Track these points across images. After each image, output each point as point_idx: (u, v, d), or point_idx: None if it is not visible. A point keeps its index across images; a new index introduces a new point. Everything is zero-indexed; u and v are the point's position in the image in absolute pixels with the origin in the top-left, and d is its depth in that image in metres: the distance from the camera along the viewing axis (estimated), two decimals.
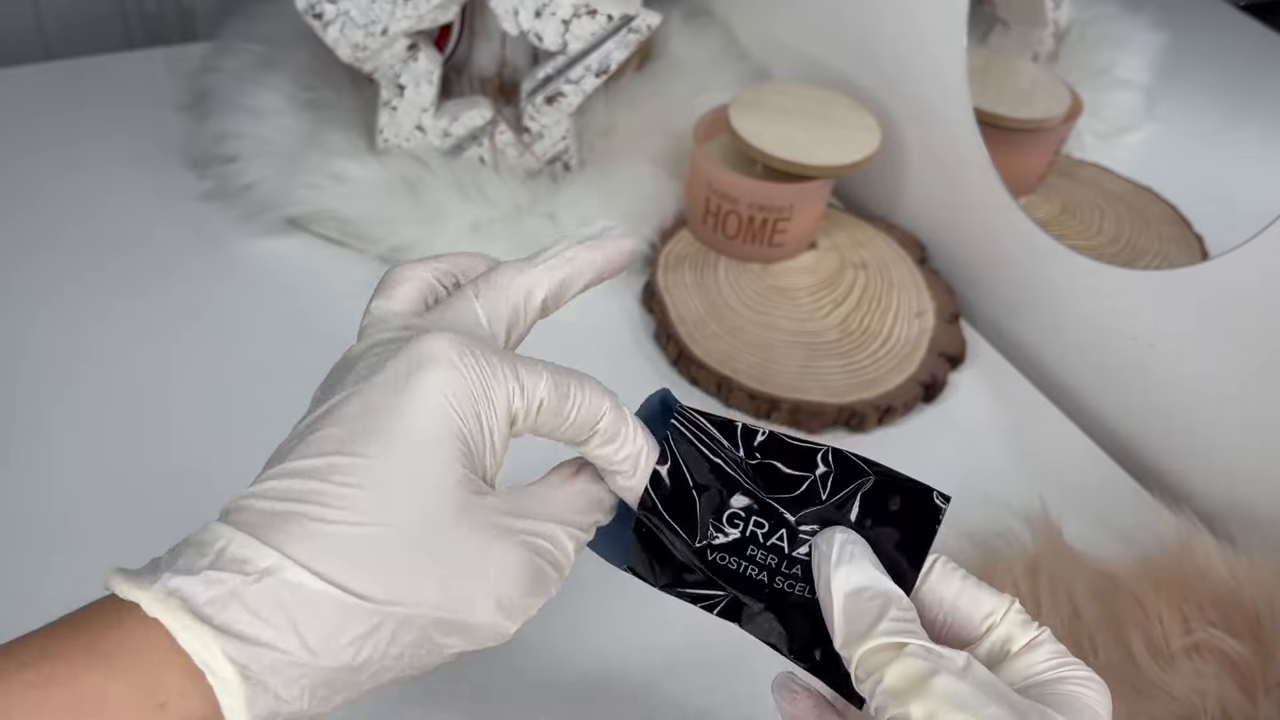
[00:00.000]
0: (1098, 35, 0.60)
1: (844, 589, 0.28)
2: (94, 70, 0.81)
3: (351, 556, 0.25)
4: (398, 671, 0.26)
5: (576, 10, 0.62)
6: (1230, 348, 0.52)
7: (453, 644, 0.27)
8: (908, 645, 0.26)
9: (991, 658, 0.28)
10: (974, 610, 0.28)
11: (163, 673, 0.23)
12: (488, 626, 0.27)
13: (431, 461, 0.26)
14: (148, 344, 0.58)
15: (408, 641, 0.26)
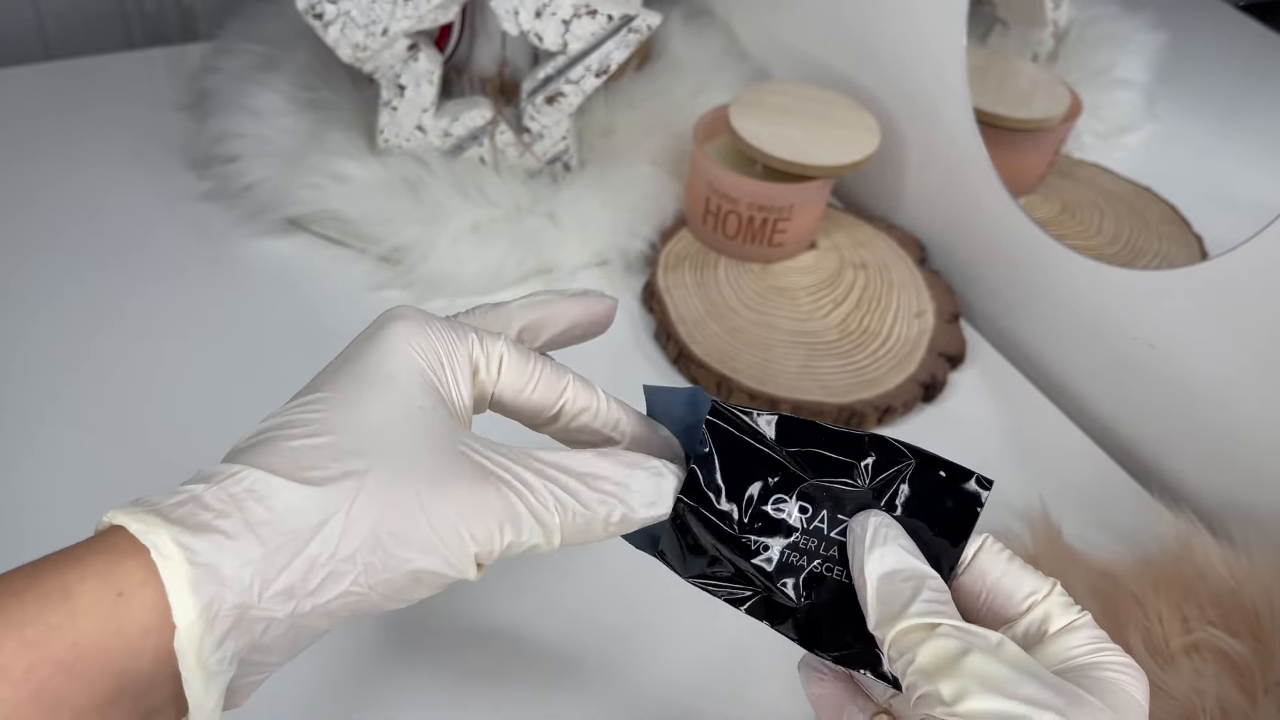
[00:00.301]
0: (1097, 35, 0.60)
1: (878, 571, 0.28)
2: (94, 70, 0.81)
3: (306, 459, 0.26)
4: (358, 588, 0.26)
5: (576, 10, 0.62)
6: (1230, 347, 0.52)
7: (410, 559, 0.26)
8: (940, 625, 0.26)
9: (1029, 638, 0.28)
10: (1015, 590, 0.28)
11: (122, 564, 0.24)
12: (443, 545, 0.26)
13: (393, 388, 0.28)
14: (148, 344, 0.58)
15: (357, 544, 0.25)
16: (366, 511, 0.26)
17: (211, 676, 0.24)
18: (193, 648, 0.24)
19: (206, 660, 0.24)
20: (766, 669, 0.43)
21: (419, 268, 0.63)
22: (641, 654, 0.46)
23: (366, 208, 0.65)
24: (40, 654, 0.22)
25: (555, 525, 0.28)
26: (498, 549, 0.27)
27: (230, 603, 0.24)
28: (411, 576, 0.26)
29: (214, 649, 0.24)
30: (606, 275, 0.67)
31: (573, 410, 0.32)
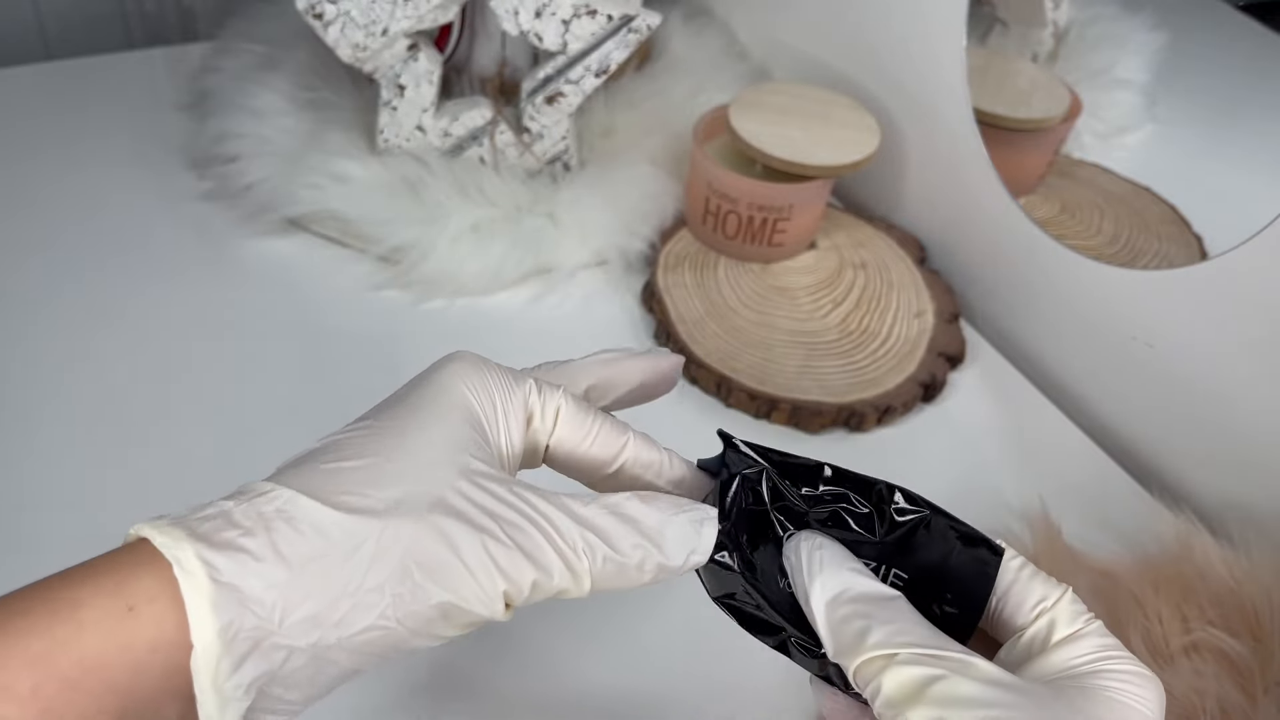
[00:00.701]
0: (1097, 35, 0.60)
1: (823, 600, 0.27)
2: (94, 70, 0.81)
3: (341, 483, 0.26)
4: (386, 621, 0.25)
5: (576, 10, 0.62)
6: (1230, 347, 0.52)
7: (438, 591, 0.25)
8: (898, 654, 0.25)
9: (1034, 647, 0.27)
10: (1026, 598, 0.28)
11: (137, 578, 0.23)
12: (472, 580, 0.26)
13: (440, 423, 0.28)
14: (148, 344, 0.58)
15: (386, 575, 0.25)
16: (396, 541, 0.25)
17: (226, 702, 0.23)
18: (209, 669, 0.23)
19: (222, 684, 0.23)
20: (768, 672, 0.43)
21: (419, 268, 0.63)
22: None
23: (366, 208, 0.65)
24: (46, 671, 0.22)
25: (584, 570, 0.27)
26: (527, 589, 0.26)
27: (251, 625, 0.23)
28: (439, 610, 0.25)
29: (230, 673, 0.23)
30: (606, 275, 0.67)
31: (634, 468, 0.31)
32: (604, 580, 0.27)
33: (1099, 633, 0.27)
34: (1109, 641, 0.26)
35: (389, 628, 0.25)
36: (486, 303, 0.64)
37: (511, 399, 0.29)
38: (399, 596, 0.25)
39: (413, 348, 0.60)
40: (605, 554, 0.27)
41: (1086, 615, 0.27)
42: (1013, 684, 0.24)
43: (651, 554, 0.28)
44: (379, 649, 0.25)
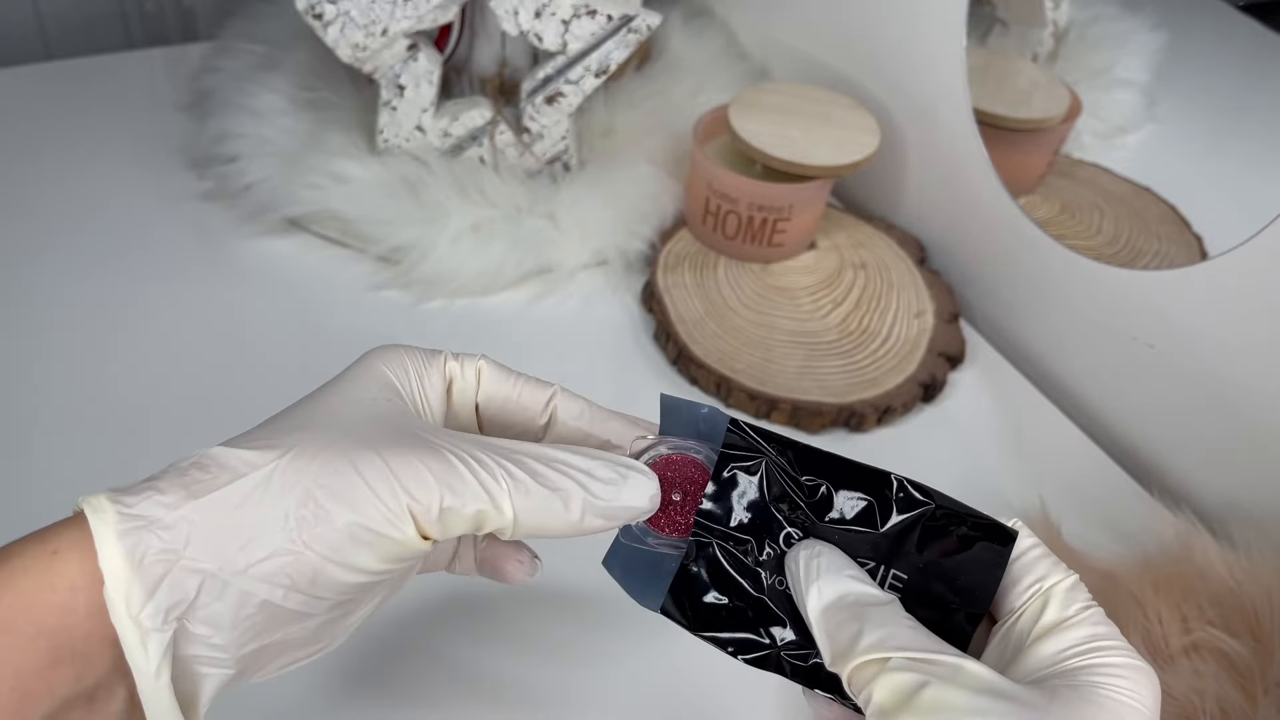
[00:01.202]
0: (1097, 35, 0.60)
1: (819, 606, 0.27)
2: (94, 70, 0.81)
3: (254, 435, 0.27)
4: (293, 545, 0.25)
5: (576, 10, 0.62)
6: (1230, 347, 0.52)
7: (341, 511, 0.25)
8: (890, 659, 0.24)
9: (1024, 631, 0.26)
10: (1023, 575, 0.27)
11: (62, 529, 0.24)
12: (376, 499, 0.25)
13: (351, 385, 0.29)
14: (148, 344, 0.58)
15: (291, 500, 0.25)
16: (300, 470, 0.25)
17: (146, 634, 0.23)
18: (121, 596, 0.23)
19: (137, 614, 0.23)
20: None
21: (419, 268, 0.63)
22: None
23: (366, 208, 0.65)
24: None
25: (503, 494, 0.26)
26: (436, 508, 0.26)
27: (156, 548, 0.24)
28: (347, 533, 0.25)
29: (144, 601, 0.23)
30: (606, 275, 0.67)
31: (565, 416, 0.32)
32: (528, 515, 0.27)
33: (1093, 620, 0.26)
34: (1101, 630, 0.25)
35: (297, 551, 0.25)
36: (486, 303, 0.64)
37: (428, 367, 0.31)
38: (303, 519, 0.25)
39: None
40: (527, 483, 0.27)
41: (1083, 602, 0.26)
42: (1003, 690, 0.24)
43: (575, 490, 0.27)
44: (293, 578, 0.25)
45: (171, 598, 0.24)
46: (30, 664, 0.23)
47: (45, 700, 0.23)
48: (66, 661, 0.23)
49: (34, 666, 0.23)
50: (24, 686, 0.22)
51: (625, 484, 0.28)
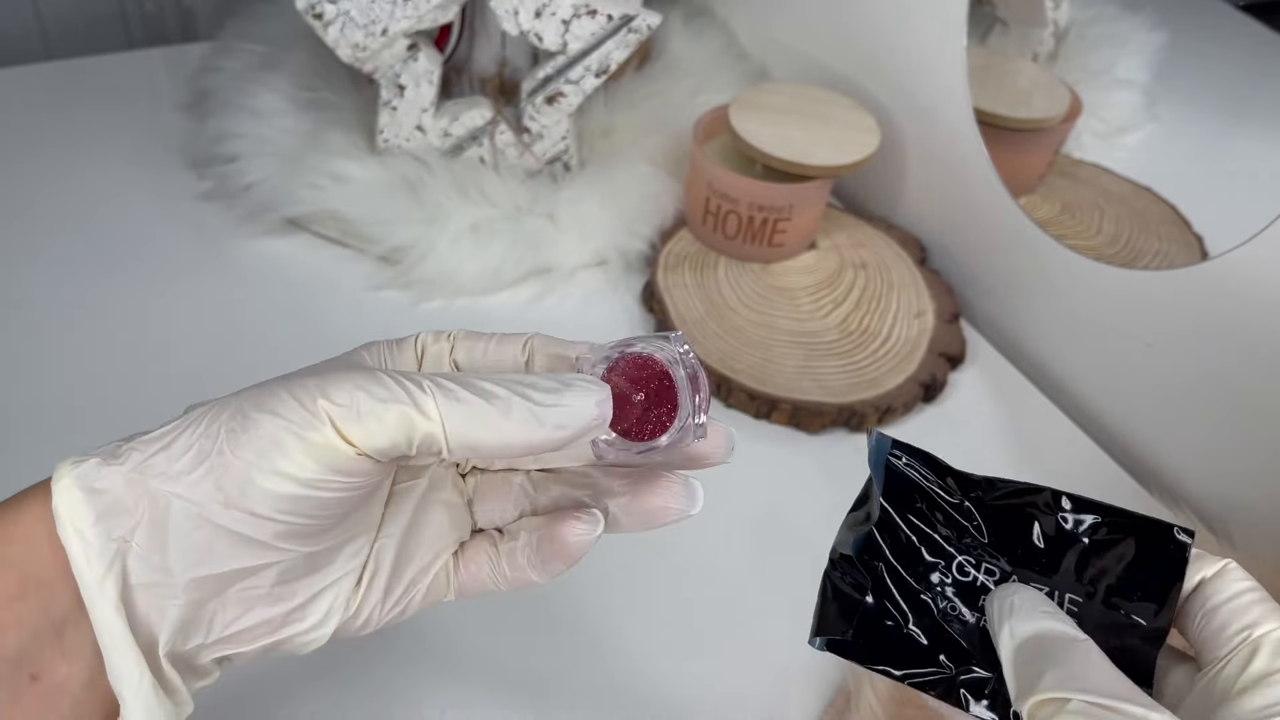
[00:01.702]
0: (1097, 35, 0.60)
1: (1012, 645, 0.26)
2: (94, 70, 0.81)
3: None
4: (221, 456, 0.25)
5: (576, 10, 0.62)
6: (1230, 348, 0.52)
7: (264, 419, 0.25)
8: (1070, 701, 0.24)
9: (1226, 684, 0.25)
10: (1232, 620, 0.25)
11: (31, 488, 0.26)
12: (298, 405, 0.25)
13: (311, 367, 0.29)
14: (147, 343, 0.58)
15: (224, 418, 0.26)
16: (239, 394, 0.27)
17: (89, 545, 0.24)
18: (67, 511, 0.25)
19: (83, 528, 0.25)
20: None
21: (418, 268, 0.63)
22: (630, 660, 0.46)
23: (366, 208, 0.65)
24: None
25: (427, 399, 0.26)
26: (355, 410, 0.25)
27: (105, 473, 0.25)
28: (270, 438, 0.25)
29: (91, 518, 0.25)
30: (606, 275, 0.67)
31: (544, 357, 0.31)
32: (462, 419, 0.26)
33: None
34: None
35: (225, 459, 0.25)
36: (486, 303, 0.64)
37: (401, 344, 0.31)
38: (231, 430, 0.26)
39: None
40: (457, 391, 0.26)
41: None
42: None
43: (512, 399, 0.26)
44: (224, 488, 0.25)
45: (113, 512, 0.25)
46: (1, 596, 0.24)
47: (14, 631, 0.24)
48: (33, 591, 0.24)
49: (2, 598, 0.24)
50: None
51: (569, 390, 0.27)
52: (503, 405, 0.26)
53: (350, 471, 0.26)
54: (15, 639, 0.24)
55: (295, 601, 0.28)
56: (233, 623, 0.27)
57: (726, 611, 0.48)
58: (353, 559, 0.29)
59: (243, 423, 0.25)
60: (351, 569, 0.29)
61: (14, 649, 0.24)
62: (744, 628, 0.48)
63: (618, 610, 0.48)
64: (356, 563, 0.29)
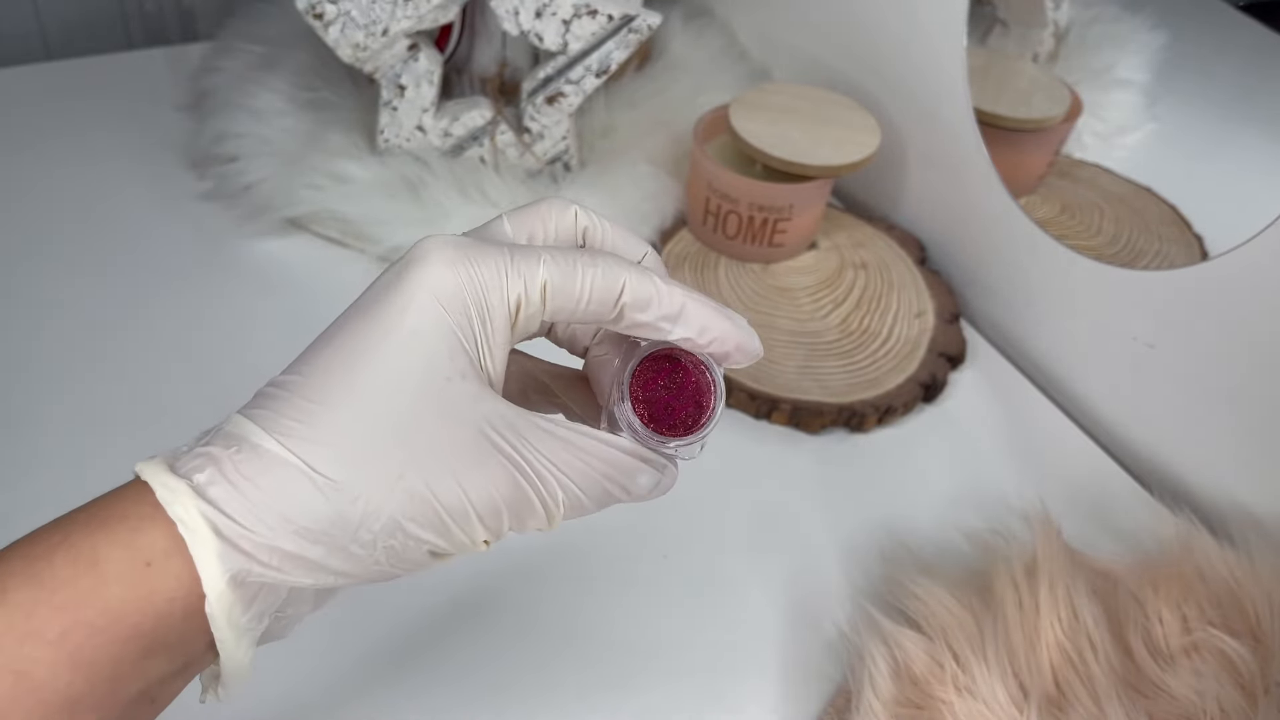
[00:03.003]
0: (1097, 35, 0.60)
1: None
2: (94, 70, 0.81)
3: (320, 437, 0.26)
4: (378, 565, 0.27)
5: (577, 10, 0.62)
6: (1230, 348, 0.52)
7: (426, 540, 0.27)
8: None
9: None
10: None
11: (148, 532, 0.25)
12: (457, 529, 0.27)
13: (411, 355, 0.27)
14: (147, 343, 0.58)
15: (378, 529, 0.26)
16: (386, 500, 0.26)
17: (242, 633, 0.25)
18: (223, 613, 0.25)
19: (237, 621, 0.25)
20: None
21: None
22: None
23: (366, 208, 0.65)
24: (74, 618, 0.23)
25: (559, 516, 0.28)
26: (504, 532, 0.28)
27: (257, 571, 0.25)
28: (428, 555, 0.27)
29: (244, 611, 0.25)
30: None
31: (633, 311, 0.29)
32: (569, 516, 0.29)
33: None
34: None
35: (382, 569, 0.27)
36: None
37: (489, 303, 0.27)
38: (390, 549, 0.26)
39: None
40: (579, 501, 0.28)
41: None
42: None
43: (617, 495, 0.29)
44: (367, 580, 0.27)
45: (266, 604, 0.26)
46: (126, 658, 0.24)
47: (138, 681, 0.25)
48: (161, 653, 0.25)
49: (130, 660, 0.24)
50: (118, 674, 0.24)
51: (660, 487, 0.30)
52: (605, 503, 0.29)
53: None
54: (139, 685, 0.25)
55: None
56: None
57: (726, 610, 0.48)
58: None
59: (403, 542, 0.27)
60: None
61: (136, 692, 0.25)
62: (743, 626, 0.48)
63: (615, 610, 0.48)
64: None
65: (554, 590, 0.48)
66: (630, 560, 0.50)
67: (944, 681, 0.42)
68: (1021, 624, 0.44)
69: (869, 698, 0.42)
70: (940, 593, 0.46)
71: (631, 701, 0.44)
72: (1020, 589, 0.45)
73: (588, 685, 0.44)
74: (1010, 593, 0.45)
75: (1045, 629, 0.44)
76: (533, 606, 0.47)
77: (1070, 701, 0.42)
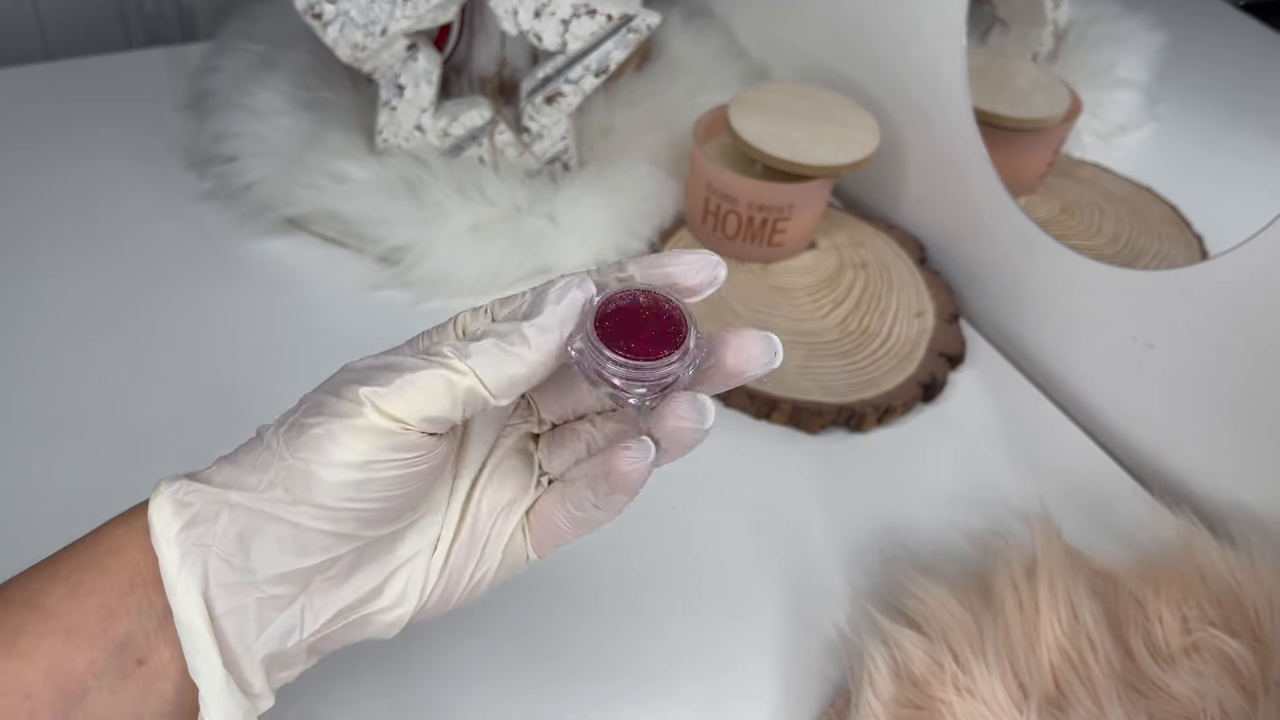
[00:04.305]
0: (1097, 35, 0.60)
1: None
2: (94, 70, 0.81)
3: None
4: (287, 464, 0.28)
5: (576, 10, 0.62)
6: (1230, 347, 0.52)
7: (312, 421, 0.28)
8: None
9: None
10: None
11: (138, 510, 0.29)
12: (341, 402, 0.28)
13: None
14: (147, 343, 0.58)
15: (284, 434, 0.29)
16: (290, 414, 0.30)
17: (171, 545, 0.27)
18: (161, 522, 0.28)
19: (170, 534, 0.28)
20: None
21: (418, 268, 0.63)
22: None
23: (365, 208, 0.65)
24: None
25: (455, 360, 0.29)
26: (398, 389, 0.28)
27: (194, 488, 0.28)
28: (323, 432, 0.28)
29: (179, 525, 0.28)
30: None
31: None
32: (488, 364, 0.29)
33: None
34: None
35: (286, 463, 0.28)
36: (486, 303, 0.64)
37: (439, 331, 0.32)
38: (289, 438, 0.29)
39: None
40: (477, 345, 0.29)
41: None
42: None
43: (519, 325, 0.29)
44: (290, 488, 0.28)
45: (197, 521, 0.28)
46: (114, 589, 0.27)
47: (124, 619, 0.27)
48: (140, 588, 0.28)
49: (116, 591, 0.27)
50: (109, 606, 0.27)
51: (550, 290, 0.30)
52: (516, 335, 0.29)
53: (404, 447, 0.28)
54: (124, 625, 0.27)
55: (371, 584, 0.30)
56: (318, 613, 0.29)
57: (726, 611, 0.48)
58: (423, 535, 0.31)
59: (298, 429, 0.28)
60: (424, 545, 0.31)
61: (123, 634, 0.27)
62: (743, 627, 0.48)
63: (615, 609, 0.48)
64: (428, 538, 0.31)
65: (554, 591, 0.48)
66: (626, 558, 0.50)
67: (944, 682, 0.42)
68: (1021, 624, 0.44)
69: (869, 698, 0.42)
70: (940, 593, 0.46)
71: (631, 701, 0.44)
72: (1020, 589, 0.45)
73: (586, 685, 0.44)
74: (1010, 593, 0.45)
75: (1045, 629, 0.44)
76: (532, 607, 0.47)
77: (1070, 702, 0.42)
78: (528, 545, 0.33)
